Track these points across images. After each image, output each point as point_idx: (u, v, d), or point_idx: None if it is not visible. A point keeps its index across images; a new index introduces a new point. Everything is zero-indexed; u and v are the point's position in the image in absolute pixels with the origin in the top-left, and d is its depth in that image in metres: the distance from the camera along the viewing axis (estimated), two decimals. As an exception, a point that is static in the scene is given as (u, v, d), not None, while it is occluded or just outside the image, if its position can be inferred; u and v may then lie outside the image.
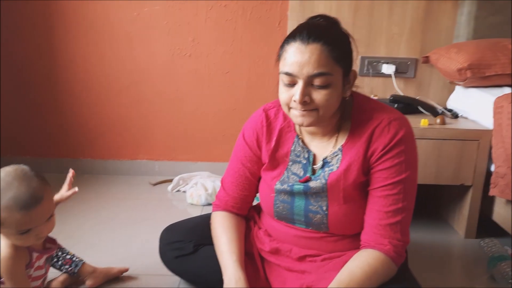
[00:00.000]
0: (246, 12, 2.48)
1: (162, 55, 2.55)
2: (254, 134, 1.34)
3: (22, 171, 1.17)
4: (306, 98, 1.12)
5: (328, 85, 1.12)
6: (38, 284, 1.31)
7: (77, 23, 2.50)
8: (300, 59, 1.10)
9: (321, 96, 1.12)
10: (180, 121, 2.66)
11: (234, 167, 1.38)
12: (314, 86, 1.12)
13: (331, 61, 1.11)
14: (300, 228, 1.29)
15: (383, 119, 1.19)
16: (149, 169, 2.71)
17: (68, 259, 1.53)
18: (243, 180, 1.37)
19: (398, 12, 2.33)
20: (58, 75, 2.58)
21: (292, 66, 1.11)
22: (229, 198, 1.39)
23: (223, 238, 1.32)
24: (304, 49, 1.10)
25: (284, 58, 1.14)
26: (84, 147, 2.69)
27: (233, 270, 1.24)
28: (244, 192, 1.38)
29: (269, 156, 1.31)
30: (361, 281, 1.11)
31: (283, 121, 1.31)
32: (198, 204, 2.31)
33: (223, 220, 1.37)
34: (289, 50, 1.13)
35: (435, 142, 1.89)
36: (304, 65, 1.10)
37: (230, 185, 1.39)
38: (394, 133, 1.17)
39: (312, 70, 1.10)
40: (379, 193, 1.18)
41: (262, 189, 1.35)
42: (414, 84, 2.43)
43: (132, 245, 1.87)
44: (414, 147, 1.22)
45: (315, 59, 1.09)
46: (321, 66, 1.10)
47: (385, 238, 1.16)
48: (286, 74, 1.13)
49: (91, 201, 2.31)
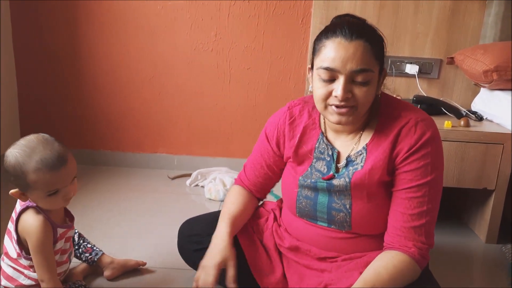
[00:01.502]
0: (269, 8, 2.47)
1: (184, 49, 2.56)
2: (275, 130, 1.35)
3: (43, 137, 1.22)
4: (348, 94, 1.11)
5: (369, 82, 1.12)
6: (65, 259, 1.35)
7: (102, 16, 2.52)
8: (344, 55, 1.09)
9: (362, 92, 1.12)
10: (200, 116, 2.66)
11: (255, 155, 1.44)
12: (356, 83, 1.11)
13: (373, 58, 1.11)
14: (322, 227, 1.28)
15: (410, 119, 1.17)
16: (168, 163, 2.73)
17: (89, 247, 1.57)
18: (260, 168, 1.42)
19: (424, 11, 2.29)
20: (81, 67, 2.60)
21: (335, 61, 1.10)
22: (247, 180, 1.46)
23: (227, 204, 1.41)
24: (348, 44, 1.09)
25: (323, 53, 1.12)
26: (105, 139, 2.72)
27: (221, 228, 1.33)
28: (260, 179, 1.44)
29: (293, 152, 1.31)
30: (387, 282, 1.10)
31: (308, 119, 1.31)
32: (216, 199, 2.31)
33: (235, 191, 1.46)
34: (330, 45, 1.11)
35: (458, 145, 1.86)
36: (347, 61, 1.09)
37: (249, 170, 1.45)
38: (420, 134, 1.15)
39: (356, 66, 1.09)
40: (403, 195, 1.16)
41: (286, 183, 1.35)
42: (437, 85, 2.39)
43: (149, 238, 1.88)
44: (440, 149, 1.20)
45: (359, 56, 1.09)
46: (364, 63, 1.09)
47: (409, 241, 1.15)
48: (326, 69, 1.11)
49: (110, 193, 2.34)
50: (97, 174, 2.60)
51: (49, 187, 1.19)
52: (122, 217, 2.07)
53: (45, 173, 1.17)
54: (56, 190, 1.20)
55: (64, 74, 2.62)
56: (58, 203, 1.24)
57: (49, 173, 1.17)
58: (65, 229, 1.31)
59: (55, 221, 1.27)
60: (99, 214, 2.08)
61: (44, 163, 1.16)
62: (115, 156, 2.73)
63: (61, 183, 1.20)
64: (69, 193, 1.24)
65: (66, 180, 1.22)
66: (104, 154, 2.73)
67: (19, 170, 1.17)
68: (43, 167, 1.16)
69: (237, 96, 2.62)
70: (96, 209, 2.14)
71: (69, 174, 1.22)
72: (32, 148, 1.18)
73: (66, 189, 1.22)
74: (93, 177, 2.55)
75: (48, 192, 1.20)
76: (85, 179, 2.50)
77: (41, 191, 1.19)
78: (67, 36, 2.56)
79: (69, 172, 1.22)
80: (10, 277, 1.29)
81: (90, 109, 2.67)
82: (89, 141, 2.72)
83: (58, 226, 1.27)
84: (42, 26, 2.54)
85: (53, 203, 1.24)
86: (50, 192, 1.20)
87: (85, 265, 1.57)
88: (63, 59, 2.59)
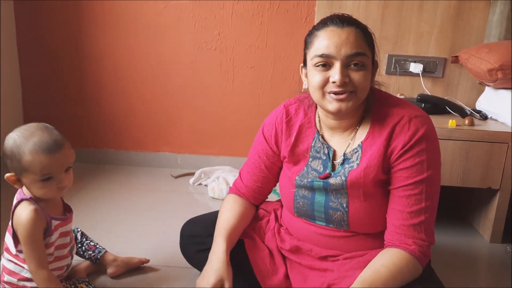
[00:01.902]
0: (273, 6, 2.47)
1: (188, 48, 2.56)
2: (273, 129, 1.34)
3: (44, 125, 1.25)
4: (346, 78, 1.12)
5: (364, 66, 1.13)
6: (66, 253, 1.35)
7: (105, 15, 2.52)
8: (337, 40, 1.11)
9: (359, 76, 1.13)
10: (203, 115, 2.66)
11: (252, 158, 1.41)
12: (351, 67, 1.13)
13: (365, 43, 1.14)
14: (321, 226, 1.28)
15: (403, 116, 1.17)
16: (171, 162, 2.73)
17: (92, 245, 1.57)
18: (258, 172, 1.40)
19: (429, 9, 2.28)
20: (84, 66, 2.61)
21: (329, 47, 1.12)
22: (244, 187, 1.42)
23: (223, 216, 1.37)
24: (340, 31, 1.12)
25: (316, 42, 1.15)
26: (108, 138, 2.72)
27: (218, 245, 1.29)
28: (258, 184, 1.41)
29: (289, 151, 1.30)
30: (386, 280, 1.09)
31: (304, 117, 1.31)
32: (219, 198, 2.31)
33: (231, 201, 1.42)
34: (322, 34, 1.14)
35: (462, 144, 1.85)
36: (341, 46, 1.11)
37: (246, 175, 1.42)
38: (414, 131, 1.15)
39: (350, 50, 1.11)
40: (400, 193, 1.16)
41: (283, 184, 1.35)
42: (442, 84, 2.38)
43: (152, 236, 1.88)
44: (436, 146, 1.19)
45: (352, 40, 1.11)
46: (358, 47, 1.12)
47: (409, 238, 1.14)
48: (321, 56, 1.13)
49: (114, 191, 2.34)
50: (100, 173, 2.60)
51: (43, 171, 1.20)
52: (125, 215, 2.07)
53: (40, 155, 1.18)
54: (50, 176, 1.21)
55: (68, 73, 2.62)
56: (52, 191, 1.24)
57: (44, 156, 1.18)
58: (60, 221, 1.30)
59: (50, 213, 1.27)
60: (102, 213, 2.08)
61: (40, 146, 1.19)
62: (119, 155, 2.73)
63: (55, 168, 1.21)
64: (63, 181, 1.24)
65: (60, 167, 1.23)
66: (107, 153, 2.73)
67: (16, 151, 1.19)
68: (39, 149, 1.18)
69: (241, 94, 2.61)
70: (99, 207, 2.14)
71: (64, 161, 1.23)
72: (31, 132, 1.21)
73: (60, 176, 1.23)
74: (97, 175, 2.55)
75: (42, 177, 1.20)
76: (88, 177, 2.51)
77: (35, 175, 1.20)
78: (70, 36, 2.56)
79: (64, 159, 1.23)
80: (12, 272, 1.29)
81: (93, 108, 2.67)
82: (93, 140, 2.72)
83: (52, 218, 1.27)
84: (46, 26, 2.55)
85: (47, 190, 1.24)
86: (44, 177, 1.20)
87: (88, 263, 1.57)
88: (66, 58, 2.60)
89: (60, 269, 1.34)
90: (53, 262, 1.31)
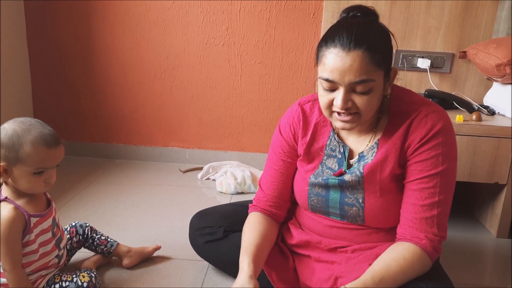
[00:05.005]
0: (280, 2, 2.47)
1: (196, 43, 2.57)
2: (291, 129, 1.33)
3: (37, 120, 1.27)
4: (348, 103, 1.10)
5: (370, 91, 1.09)
6: (50, 249, 1.33)
7: (114, 10, 2.54)
8: (342, 66, 1.06)
9: (363, 101, 1.10)
10: (211, 110, 2.68)
11: (271, 163, 1.37)
12: (356, 92, 1.10)
13: (373, 66, 1.07)
14: (335, 220, 1.29)
15: (421, 111, 1.17)
16: (180, 157, 2.75)
17: (103, 239, 1.59)
18: (279, 176, 1.35)
19: (436, 5, 2.28)
20: (94, 61, 2.63)
21: (333, 73, 1.08)
22: (266, 197, 1.37)
23: (246, 236, 1.29)
24: (345, 56, 1.06)
25: (323, 63, 1.10)
26: (117, 133, 2.75)
27: (244, 271, 1.18)
28: (280, 190, 1.36)
29: (304, 150, 1.30)
30: (396, 274, 1.10)
31: (319, 116, 1.30)
32: (227, 193, 2.33)
33: (254, 219, 1.34)
34: (328, 56, 1.09)
35: (470, 139, 1.85)
36: (345, 73, 1.06)
37: (267, 183, 1.37)
38: (431, 125, 1.15)
39: (354, 78, 1.07)
40: (414, 186, 1.16)
41: (297, 182, 1.35)
42: (449, 80, 2.38)
43: (161, 229, 1.90)
44: (452, 140, 1.19)
45: (357, 67, 1.06)
46: (363, 74, 1.06)
47: (421, 232, 1.14)
48: (326, 80, 1.10)
49: (123, 186, 2.37)
50: (110, 167, 2.63)
51: (39, 164, 1.22)
52: (134, 209, 2.09)
53: (41, 147, 1.21)
54: (42, 170, 1.23)
55: (77, 68, 2.65)
56: (39, 186, 1.26)
57: (44, 148, 1.21)
58: (39, 218, 1.29)
59: (31, 211, 1.27)
60: (112, 206, 2.11)
61: (42, 138, 1.21)
62: (128, 149, 2.76)
63: (50, 162, 1.24)
64: (52, 177, 1.27)
65: (54, 162, 1.26)
66: (117, 147, 2.76)
67: (16, 140, 1.20)
68: (40, 140, 1.21)
69: (248, 90, 2.63)
70: (109, 201, 2.17)
71: (59, 156, 1.26)
72: (31, 124, 1.24)
73: (50, 171, 1.26)
74: (107, 170, 2.58)
75: (36, 169, 1.22)
76: (98, 172, 2.54)
77: (29, 167, 1.21)
78: (79, 32, 2.59)
79: (59, 154, 1.26)
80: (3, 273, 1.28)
81: (102, 103, 2.70)
82: (102, 135, 2.75)
83: (31, 216, 1.27)
84: (55, 22, 2.57)
85: (34, 185, 1.25)
86: (37, 170, 1.22)
87: (98, 256, 1.59)
88: (75, 54, 2.62)
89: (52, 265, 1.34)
90: (40, 259, 1.31)
